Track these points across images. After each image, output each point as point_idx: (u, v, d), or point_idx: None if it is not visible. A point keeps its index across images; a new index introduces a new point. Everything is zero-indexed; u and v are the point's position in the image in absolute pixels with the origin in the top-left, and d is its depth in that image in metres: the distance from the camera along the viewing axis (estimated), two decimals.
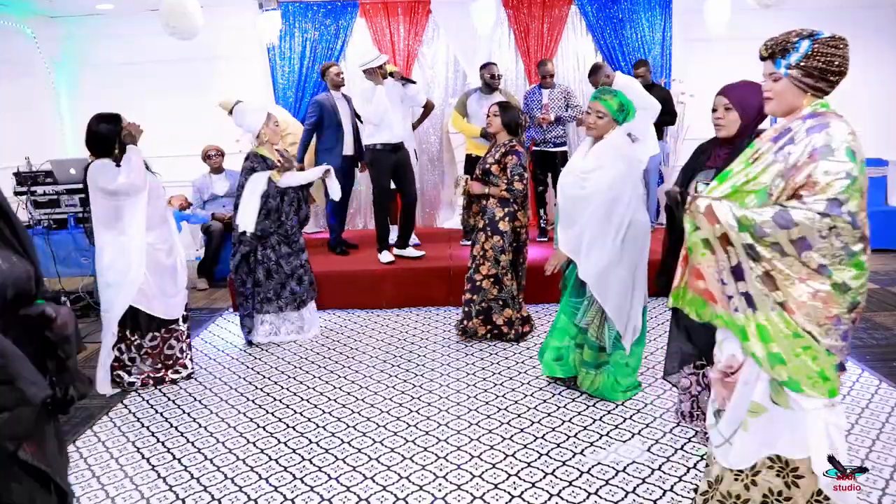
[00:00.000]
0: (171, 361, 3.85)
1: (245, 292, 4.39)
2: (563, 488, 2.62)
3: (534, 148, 5.88)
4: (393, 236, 5.59)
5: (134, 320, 3.68)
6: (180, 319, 3.87)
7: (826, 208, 1.73)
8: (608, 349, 3.31)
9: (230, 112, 5.73)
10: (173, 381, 3.83)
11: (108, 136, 3.57)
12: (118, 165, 3.57)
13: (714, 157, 2.72)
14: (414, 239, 5.55)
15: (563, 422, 3.18)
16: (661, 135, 6.42)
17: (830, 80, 1.85)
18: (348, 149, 5.58)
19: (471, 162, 5.86)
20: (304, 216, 4.50)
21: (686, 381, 2.96)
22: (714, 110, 2.67)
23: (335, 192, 4.59)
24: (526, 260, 4.38)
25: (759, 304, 1.85)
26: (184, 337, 3.91)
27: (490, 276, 4.17)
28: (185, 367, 3.91)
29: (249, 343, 4.47)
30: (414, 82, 5.49)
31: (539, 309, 5.00)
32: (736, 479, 2.04)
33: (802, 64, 1.83)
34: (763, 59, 1.92)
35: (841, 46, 1.83)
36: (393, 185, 5.45)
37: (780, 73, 1.87)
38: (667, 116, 5.81)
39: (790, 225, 1.76)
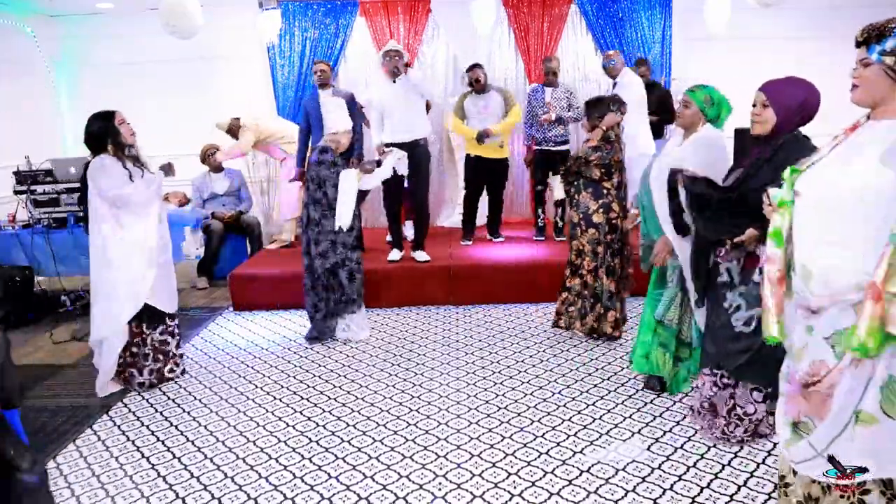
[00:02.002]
0: (168, 357, 3.85)
1: (330, 297, 4.35)
2: (563, 487, 2.62)
3: (535, 147, 5.87)
4: (411, 233, 5.68)
5: (139, 317, 3.65)
6: (174, 315, 3.86)
7: None
8: (694, 344, 3.29)
9: (227, 131, 5.75)
10: (169, 378, 3.83)
11: (100, 133, 3.55)
12: (125, 167, 3.56)
13: (750, 155, 2.66)
14: (424, 255, 5.38)
15: (563, 420, 3.18)
16: (661, 133, 6.42)
17: None
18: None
19: (471, 162, 5.86)
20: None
21: (699, 379, 2.96)
22: (753, 105, 2.58)
23: (403, 168, 4.72)
24: (629, 257, 4.20)
25: None
26: (176, 332, 3.89)
27: (592, 270, 4.11)
28: (177, 364, 3.90)
29: (316, 340, 4.42)
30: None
31: (539, 308, 5.00)
32: (842, 497, 1.86)
33: None
34: (858, 45, 1.81)
35: None
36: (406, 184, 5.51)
37: (872, 59, 1.76)
38: (666, 115, 5.82)
39: None
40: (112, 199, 3.52)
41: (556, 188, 4.31)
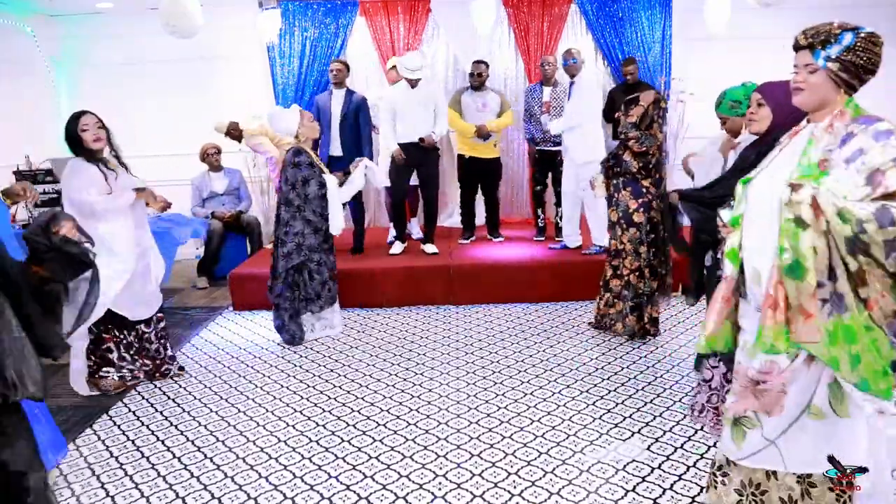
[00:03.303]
0: (158, 361, 3.85)
1: (290, 296, 4.35)
2: (563, 487, 2.62)
3: (534, 148, 5.85)
4: (413, 231, 6.01)
5: (105, 322, 3.61)
6: (154, 320, 3.80)
7: None
8: None
9: (226, 134, 5.75)
10: (162, 377, 3.84)
11: (68, 136, 3.46)
12: (100, 170, 3.44)
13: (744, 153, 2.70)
14: (433, 247, 5.57)
15: (563, 420, 3.18)
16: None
17: (863, 79, 1.79)
18: (335, 149, 5.56)
19: (464, 163, 5.86)
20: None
21: (708, 372, 2.93)
22: (748, 105, 2.66)
23: (377, 180, 4.77)
24: (668, 256, 4.17)
25: (848, 304, 1.72)
26: (158, 337, 3.84)
27: (634, 269, 4.08)
28: (170, 365, 3.89)
29: (291, 343, 4.42)
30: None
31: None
32: (799, 481, 1.91)
33: (843, 57, 1.76)
34: (798, 48, 1.84)
35: (880, 45, 1.77)
36: (415, 182, 5.68)
37: (818, 65, 1.79)
38: None
39: (888, 224, 1.61)
40: (77, 205, 3.39)
41: (599, 187, 4.26)
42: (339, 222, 4.33)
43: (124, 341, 3.74)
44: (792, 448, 1.88)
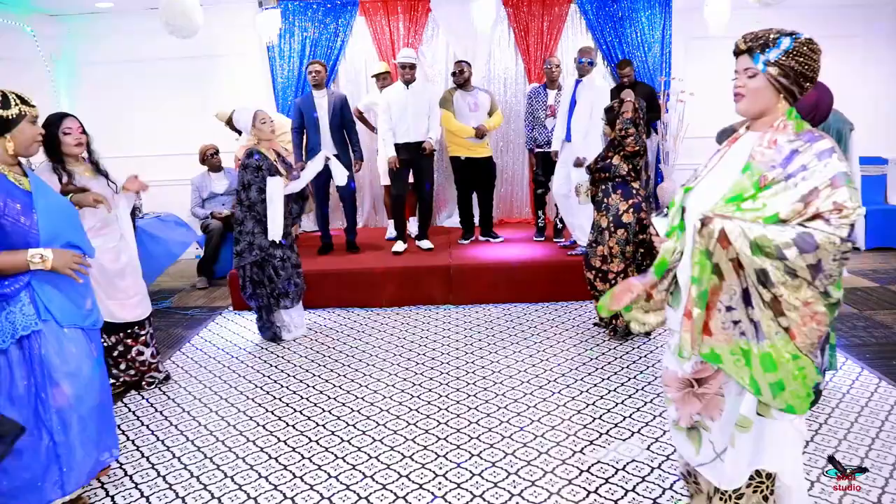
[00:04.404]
0: (144, 367, 3.76)
1: (263, 293, 4.37)
2: (563, 486, 2.63)
3: (536, 149, 5.84)
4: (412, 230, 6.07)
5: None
6: (146, 323, 3.71)
7: (847, 234, 1.67)
8: None
9: (227, 123, 5.75)
10: (149, 384, 3.78)
11: (47, 136, 3.09)
12: (55, 172, 3.21)
13: None
14: (428, 243, 5.70)
15: (563, 420, 3.19)
16: (652, 131, 6.43)
17: (802, 85, 1.78)
18: (327, 149, 5.53)
19: (458, 164, 5.84)
20: (297, 211, 4.54)
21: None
22: None
23: (339, 177, 4.68)
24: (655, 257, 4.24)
25: (766, 332, 1.76)
26: (149, 342, 3.75)
27: (620, 272, 4.09)
28: (158, 371, 3.84)
29: (273, 339, 4.48)
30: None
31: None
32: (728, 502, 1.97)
33: (781, 61, 1.76)
34: (739, 53, 1.84)
35: (818, 52, 1.77)
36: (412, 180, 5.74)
37: (758, 69, 1.79)
38: (651, 113, 5.81)
39: (811, 248, 1.65)
40: None
41: (583, 194, 4.28)
42: (276, 230, 4.22)
43: (106, 346, 3.57)
44: (729, 465, 1.90)
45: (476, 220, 6.13)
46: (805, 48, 1.75)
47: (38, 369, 2.34)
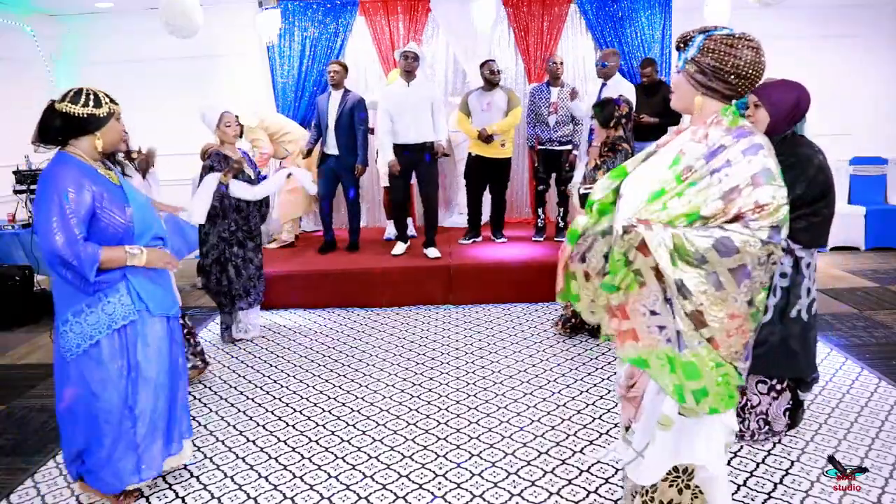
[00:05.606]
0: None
1: (222, 290, 4.39)
2: (563, 486, 2.63)
3: (538, 147, 5.83)
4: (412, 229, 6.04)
5: None
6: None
7: (768, 236, 1.64)
8: None
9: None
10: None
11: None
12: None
13: None
14: (435, 251, 5.48)
15: (563, 420, 3.19)
16: (663, 133, 6.41)
17: (729, 82, 1.74)
18: (331, 148, 5.57)
19: (473, 161, 5.83)
20: (264, 214, 4.52)
21: (755, 398, 2.85)
22: (745, 107, 2.67)
23: (308, 187, 4.73)
24: None
25: (688, 342, 1.75)
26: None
27: None
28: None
29: (231, 341, 4.50)
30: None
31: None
32: (643, 497, 2.00)
33: (697, 58, 1.76)
34: (677, 51, 1.87)
35: (738, 46, 1.71)
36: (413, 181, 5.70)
37: (678, 66, 1.83)
38: (669, 118, 5.71)
39: (732, 252, 1.64)
40: None
41: (575, 195, 4.26)
42: (197, 216, 4.14)
43: None
44: (648, 461, 1.92)
45: (485, 217, 6.12)
46: (717, 44, 1.74)
47: (129, 357, 2.45)
